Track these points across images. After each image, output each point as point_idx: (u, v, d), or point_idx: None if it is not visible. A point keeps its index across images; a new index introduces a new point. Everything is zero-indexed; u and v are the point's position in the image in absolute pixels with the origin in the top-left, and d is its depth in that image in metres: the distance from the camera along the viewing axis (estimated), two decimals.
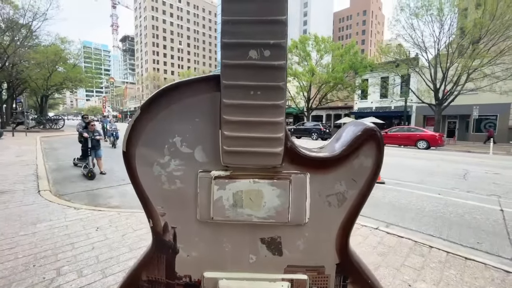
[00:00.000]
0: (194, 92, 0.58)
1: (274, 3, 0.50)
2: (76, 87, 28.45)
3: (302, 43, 24.44)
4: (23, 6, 19.21)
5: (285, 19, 0.51)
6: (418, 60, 19.96)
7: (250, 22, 0.51)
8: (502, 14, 14.29)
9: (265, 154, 0.55)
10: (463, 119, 21.53)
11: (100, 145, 5.94)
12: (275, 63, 0.51)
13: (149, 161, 0.60)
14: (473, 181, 5.80)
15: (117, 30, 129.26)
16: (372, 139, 0.57)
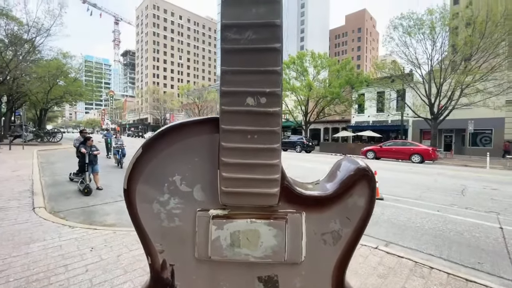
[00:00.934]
0: (195, 133, 0.61)
1: (270, 55, 0.54)
2: (75, 100, 28.69)
3: (299, 59, 25.07)
4: (27, 23, 19.71)
5: (280, 70, 0.54)
6: (412, 75, 20.47)
7: (247, 72, 0.54)
8: (491, 33, 14.86)
9: (262, 195, 0.56)
10: (459, 133, 21.81)
11: (97, 160, 5.92)
12: (271, 110, 0.54)
13: (149, 199, 0.62)
14: (471, 197, 5.79)
15: (119, 45, 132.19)
16: (364, 179, 0.60)
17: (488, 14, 14.85)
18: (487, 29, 14.90)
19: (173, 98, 58.66)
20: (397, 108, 22.18)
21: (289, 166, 10.33)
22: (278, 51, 0.54)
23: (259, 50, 0.54)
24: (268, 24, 0.53)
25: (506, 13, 14.69)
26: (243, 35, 0.54)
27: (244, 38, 0.54)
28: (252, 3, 0.53)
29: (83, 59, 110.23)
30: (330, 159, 15.74)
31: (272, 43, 0.54)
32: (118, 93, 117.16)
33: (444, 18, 16.68)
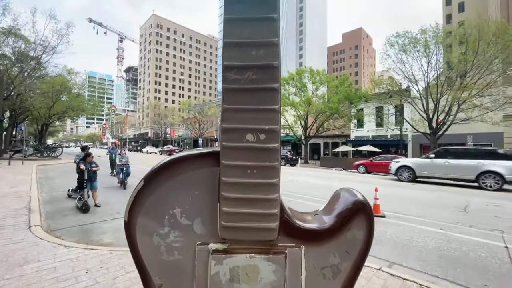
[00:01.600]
0: (196, 166, 0.62)
1: (268, 94, 0.57)
2: (78, 115, 28.99)
3: (298, 75, 25.61)
4: (35, 41, 20.31)
5: (278, 108, 0.57)
6: (409, 91, 20.81)
7: (247, 110, 0.57)
8: (484, 51, 15.27)
9: (261, 229, 0.57)
10: None
11: (96, 176, 5.90)
12: (270, 146, 0.56)
13: (149, 231, 0.62)
14: (474, 214, 5.71)
15: (122, 61, 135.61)
16: (362, 212, 0.61)
17: (480, 33, 15.33)
18: (479, 47, 15.32)
19: (174, 113, 59.29)
20: (395, 123, 22.35)
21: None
22: (276, 90, 0.57)
23: (258, 89, 0.57)
24: (266, 66, 0.57)
25: (497, 32, 15.18)
26: (243, 76, 0.57)
27: (244, 78, 0.57)
28: (251, 46, 0.57)
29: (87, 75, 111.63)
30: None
31: (271, 83, 0.56)
32: (119, 108, 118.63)
33: (437, 37, 17.22)
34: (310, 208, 4.15)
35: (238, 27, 0.56)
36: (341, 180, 11.94)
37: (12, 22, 18.19)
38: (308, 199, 6.91)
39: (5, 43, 19.36)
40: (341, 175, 14.76)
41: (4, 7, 16.89)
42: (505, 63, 15.41)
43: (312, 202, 6.52)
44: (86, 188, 5.49)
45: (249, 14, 0.56)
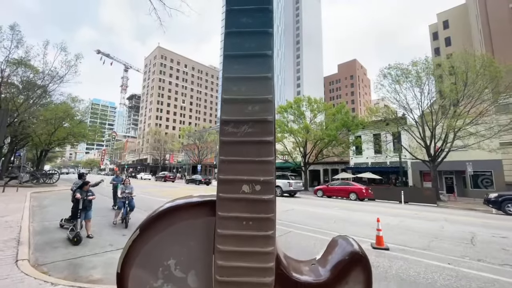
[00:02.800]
0: (192, 215, 0.62)
1: (263, 147, 0.59)
2: (78, 141, 29.19)
3: (296, 103, 26.37)
4: (43, 71, 21.14)
5: (273, 160, 0.59)
6: (405, 119, 21.27)
7: (243, 162, 0.59)
8: (473, 82, 15.94)
9: (257, 284, 0.56)
10: (459, 174, 21.71)
11: (91, 205, 5.77)
12: (265, 197, 0.57)
13: (142, 283, 0.60)
14: (481, 246, 5.50)
15: (126, 89, 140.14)
16: (360, 265, 0.60)
17: (467, 66, 16.14)
18: (469, 79, 16.01)
19: (174, 139, 59.79)
20: (394, 150, 22.49)
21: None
22: (271, 143, 0.59)
23: (254, 142, 0.59)
24: (262, 120, 0.60)
25: (484, 64, 15.99)
26: (240, 129, 0.60)
27: (240, 131, 0.60)
28: (248, 102, 0.61)
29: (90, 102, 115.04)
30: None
31: (266, 136, 0.59)
32: (120, 134, 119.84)
33: (427, 68, 18.08)
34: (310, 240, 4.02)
35: (236, 85, 0.61)
36: (342, 209, 11.66)
37: (24, 53, 19.14)
38: (309, 230, 6.69)
39: (15, 73, 20.14)
40: (343, 204, 14.45)
41: (18, 41, 17.86)
42: (495, 93, 15.99)
43: (312, 233, 6.30)
44: (79, 218, 5.33)
45: (246, 73, 0.61)
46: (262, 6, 0.62)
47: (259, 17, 0.63)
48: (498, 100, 16.34)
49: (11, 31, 17.48)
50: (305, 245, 5.23)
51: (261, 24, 0.62)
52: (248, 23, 0.62)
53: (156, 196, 14.30)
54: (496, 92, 15.89)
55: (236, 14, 0.63)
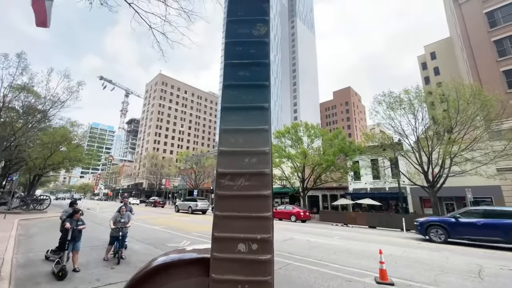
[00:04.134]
0: (183, 276, 0.58)
1: (261, 201, 0.56)
2: (73, 166, 28.78)
3: (293, 129, 26.75)
4: (45, 96, 21.43)
5: (271, 215, 0.56)
6: (402, 144, 21.49)
7: (240, 217, 0.56)
8: (465, 109, 16.42)
9: None
10: (459, 201, 21.41)
11: (81, 236, 5.50)
12: (262, 258, 0.53)
13: None
14: (490, 281, 5.22)
15: (126, 114, 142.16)
16: None
17: (457, 94, 16.75)
18: (460, 106, 16.51)
19: (171, 164, 59.33)
20: (392, 176, 22.40)
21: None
22: (268, 197, 0.57)
23: (251, 197, 0.57)
24: (259, 173, 0.58)
25: (473, 93, 16.62)
26: (236, 182, 0.58)
27: (237, 185, 0.58)
28: (245, 154, 0.59)
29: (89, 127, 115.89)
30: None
31: (263, 190, 0.57)
32: (117, 158, 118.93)
33: (419, 96, 18.71)
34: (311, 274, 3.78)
35: (233, 137, 0.60)
36: (343, 238, 11.25)
37: (28, 80, 19.61)
38: (310, 262, 6.36)
39: (17, 98, 20.43)
40: (343, 232, 13.99)
41: (23, 68, 18.41)
42: (486, 120, 16.41)
43: (312, 266, 5.98)
44: (67, 250, 5.04)
45: (244, 125, 0.60)
46: (259, 60, 0.64)
47: (256, 71, 0.64)
48: (490, 127, 16.71)
49: (18, 58, 18.09)
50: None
51: (258, 78, 0.64)
52: (245, 76, 0.64)
53: (150, 224, 13.77)
54: (487, 119, 16.32)
55: (234, 67, 0.65)
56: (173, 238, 9.52)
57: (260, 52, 0.64)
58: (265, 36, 0.64)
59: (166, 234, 10.43)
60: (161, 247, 7.82)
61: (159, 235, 9.92)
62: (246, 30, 0.64)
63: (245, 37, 0.64)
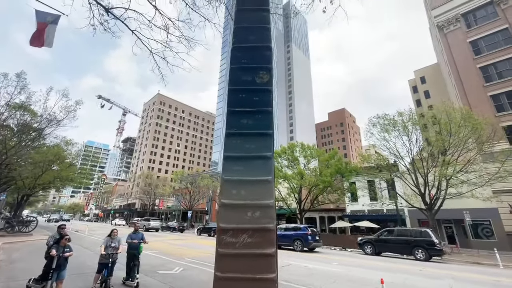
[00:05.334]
0: None
1: (264, 260, 0.52)
2: (65, 185, 27.99)
3: (290, 149, 26.85)
4: (41, 114, 21.26)
5: (275, 277, 0.52)
6: (397, 166, 21.58)
7: (241, 279, 0.51)
8: (457, 132, 16.79)
9: None
10: (458, 223, 21.14)
11: (67, 263, 5.18)
12: None
13: None
14: None
15: (122, 132, 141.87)
16: None
17: (448, 117, 17.21)
18: (452, 129, 16.90)
19: (166, 183, 58.25)
20: (389, 197, 22.24)
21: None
22: (272, 256, 0.53)
23: (254, 255, 0.53)
24: (262, 229, 0.55)
25: (463, 116, 17.10)
26: (239, 239, 0.55)
27: (239, 241, 0.54)
28: (248, 207, 0.56)
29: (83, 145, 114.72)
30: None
31: (266, 248, 0.54)
32: (110, 177, 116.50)
33: (412, 119, 19.16)
34: None
35: (235, 188, 0.58)
36: (342, 264, 10.84)
37: (25, 98, 19.62)
38: None
39: (12, 116, 20.26)
40: (342, 257, 13.52)
41: (22, 87, 18.52)
42: (478, 143, 16.74)
43: None
44: (50, 280, 4.73)
45: (246, 176, 0.58)
46: (262, 108, 0.63)
47: (259, 119, 0.63)
48: (482, 149, 17.01)
49: (17, 78, 18.25)
50: None
51: (261, 126, 0.63)
52: (248, 124, 0.63)
53: None
54: (479, 142, 16.65)
55: (237, 115, 0.64)
56: (165, 264, 9.07)
57: (263, 99, 0.64)
58: (268, 84, 0.65)
59: (158, 259, 9.94)
60: (152, 274, 7.42)
61: (151, 261, 9.44)
62: (249, 78, 0.64)
63: (248, 84, 0.64)
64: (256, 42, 0.92)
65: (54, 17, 5.13)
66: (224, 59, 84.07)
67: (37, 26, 5.06)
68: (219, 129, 77.28)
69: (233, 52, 0.74)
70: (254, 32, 0.93)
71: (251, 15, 1.11)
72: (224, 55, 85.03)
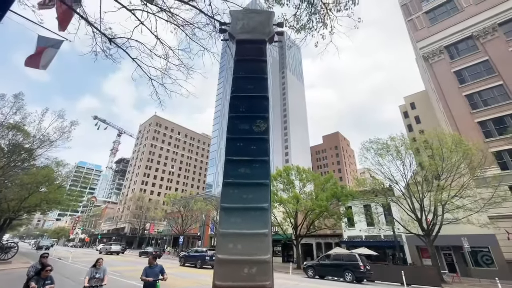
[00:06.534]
0: None
1: None
2: (51, 208, 26.85)
3: (285, 172, 26.72)
4: (35, 135, 20.96)
5: None
6: (393, 190, 21.51)
7: None
8: (449, 157, 17.08)
9: None
10: (457, 250, 20.68)
11: None
12: None
13: None
14: None
15: (115, 153, 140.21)
16: None
17: (440, 142, 17.61)
18: (444, 154, 17.20)
19: (158, 206, 56.51)
20: (386, 223, 21.88)
21: None
22: None
23: None
24: (259, 287, 0.53)
25: (454, 141, 17.52)
26: None
27: None
28: (244, 263, 0.55)
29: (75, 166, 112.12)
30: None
31: None
32: (100, 199, 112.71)
33: (405, 144, 19.52)
34: None
35: (232, 242, 0.56)
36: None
37: (20, 119, 19.48)
38: None
39: (3, 135, 19.91)
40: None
41: (18, 108, 18.50)
42: (471, 168, 16.99)
43: None
44: None
45: (243, 229, 0.57)
46: (259, 157, 0.64)
47: (256, 168, 0.64)
48: (475, 174, 17.22)
49: (14, 99, 18.29)
50: None
51: (258, 175, 0.63)
52: (245, 174, 0.63)
53: (127, 278, 12.35)
54: (471, 167, 16.90)
55: (234, 164, 0.65)
56: None
57: (260, 148, 0.65)
58: (265, 133, 0.66)
59: None
60: None
61: None
62: (246, 126, 0.66)
63: (245, 133, 0.66)
64: (254, 91, 0.98)
65: (56, 42, 5.26)
66: (222, 83, 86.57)
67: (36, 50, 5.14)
68: (214, 151, 77.19)
69: (231, 101, 0.78)
70: (252, 82, 1.01)
71: (249, 65, 1.22)
72: (221, 79, 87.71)
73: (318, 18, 4.07)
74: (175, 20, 5.06)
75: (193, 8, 4.88)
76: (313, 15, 4.04)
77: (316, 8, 4.47)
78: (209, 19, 4.67)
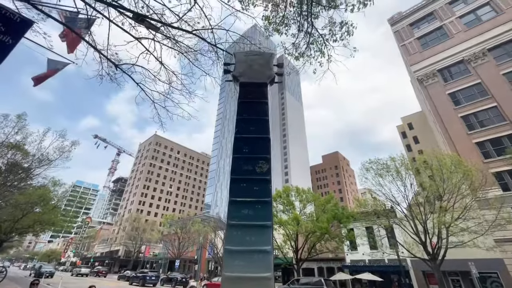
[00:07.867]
0: None
1: None
2: (44, 230, 26.04)
3: (285, 193, 26.34)
4: (34, 154, 20.90)
5: None
6: (395, 212, 21.08)
7: None
8: (449, 178, 16.95)
9: None
10: (465, 276, 19.80)
11: None
12: None
13: None
14: None
15: (114, 172, 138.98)
16: None
17: (439, 163, 17.59)
18: (444, 175, 17.10)
19: (154, 227, 54.92)
20: (390, 246, 21.18)
21: None
22: None
23: None
24: None
25: (453, 162, 17.50)
26: None
27: None
28: (246, 280, 0.55)
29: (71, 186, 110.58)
30: None
31: None
32: (95, 220, 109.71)
33: (405, 164, 19.48)
34: None
35: (235, 285, 0.57)
36: None
37: (21, 139, 19.55)
38: None
39: (2, 155, 19.84)
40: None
41: (20, 127, 18.67)
42: (472, 189, 16.81)
43: None
44: None
45: (246, 272, 0.58)
46: (262, 199, 0.67)
47: (259, 209, 0.66)
48: (476, 195, 17.00)
49: (17, 119, 18.51)
50: None
51: (261, 217, 0.65)
52: (249, 215, 0.65)
53: None
54: (472, 188, 16.73)
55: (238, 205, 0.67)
56: None
57: (262, 189, 0.68)
58: (267, 173, 0.69)
59: None
60: None
61: None
62: (250, 167, 0.69)
63: (248, 174, 0.69)
64: (256, 133, 1.07)
65: (64, 65, 5.50)
66: (222, 103, 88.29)
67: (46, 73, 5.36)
68: (213, 170, 76.70)
69: (235, 142, 0.83)
70: (254, 123, 1.10)
71: (252, 106, 1.34)
72: (222, 99, 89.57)
73: (316, 47, 4.30)
74: (179, 47, 5.31)
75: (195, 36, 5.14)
76: (311, 44, 4.27)
77: (314, 37, 4.72)
78: (211, 46, 4.90)
